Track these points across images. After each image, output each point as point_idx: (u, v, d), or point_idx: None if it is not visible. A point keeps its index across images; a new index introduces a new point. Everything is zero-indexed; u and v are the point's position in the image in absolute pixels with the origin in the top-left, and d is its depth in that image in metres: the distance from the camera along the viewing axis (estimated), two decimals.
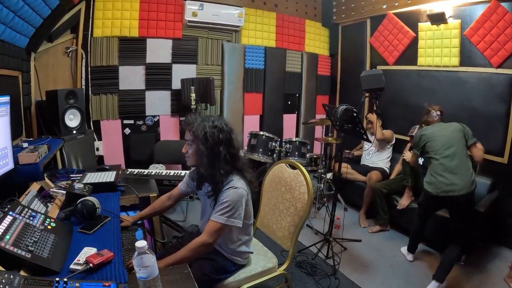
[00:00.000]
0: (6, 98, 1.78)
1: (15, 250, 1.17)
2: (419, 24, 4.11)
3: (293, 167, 2.11)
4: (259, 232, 2.32)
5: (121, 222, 1.82)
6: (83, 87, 3.61)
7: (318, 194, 4.17)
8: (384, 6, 4.46)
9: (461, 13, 3.67)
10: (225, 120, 1.78)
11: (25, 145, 2.24)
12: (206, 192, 1.80)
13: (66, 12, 3.08)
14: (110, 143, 3.90)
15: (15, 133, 2.50)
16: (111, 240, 1.50)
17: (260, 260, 2.03)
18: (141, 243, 1.06)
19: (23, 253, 1.18)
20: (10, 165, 1.81)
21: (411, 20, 4.21)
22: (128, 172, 2.78)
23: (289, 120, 5.38)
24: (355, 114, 2.85)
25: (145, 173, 2.83)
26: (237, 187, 1.68)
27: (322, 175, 4.27)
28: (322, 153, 4.35)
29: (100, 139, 3.82)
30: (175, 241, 2.13)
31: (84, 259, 1.26)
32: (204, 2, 4.09)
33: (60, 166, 2.68)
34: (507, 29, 3.27)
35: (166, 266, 1.51)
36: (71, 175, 2.37)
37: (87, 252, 1.33)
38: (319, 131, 4.57)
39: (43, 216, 1.48)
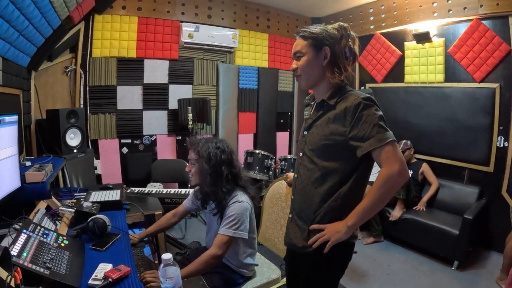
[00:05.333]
0: (14, 117, 1.81)
1: (34, 267, 1.18)
2: (405, 43, 4.27)
3: None
4: (259, 247, 2.37)
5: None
6: (82, 106, 3.63)
7: None
8: (372, 27, 4.65)
9: (444, 32, 3.85)
10: (227, 142, 1.92)
11: (28, 163, 2.24)
12: (210, 210, 1.90)
13: (67, 32, 3.13)
14: (108, 162, 3.91)
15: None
16: (124, 256, 1.52)
17: (264, 272, 2.12)
18: (167, 256, 1.11)
19: (42, 270, 1.19)
20: (17, 184, 1.82)
21: (398, 40, 4.38)
22: (129, 191, 2.80)
23: (282, 138, 5.48)
24: None
25: (146, 192, 2.85)
26: (241, 201, 1.80)
27: None
28: None
29: (98, 158, 3.82)
30: (180, 257, 2.16)
31: (102, 275, 1.29)
32: (199, 24, 4.22)
33: (61, 185, 2.69)
34: (488, 46, 3.43)
35: None
36: (75, 194, 2.38)
37: (104, 268, 1.35)
38: None
39: (55, 234, 1.50)
